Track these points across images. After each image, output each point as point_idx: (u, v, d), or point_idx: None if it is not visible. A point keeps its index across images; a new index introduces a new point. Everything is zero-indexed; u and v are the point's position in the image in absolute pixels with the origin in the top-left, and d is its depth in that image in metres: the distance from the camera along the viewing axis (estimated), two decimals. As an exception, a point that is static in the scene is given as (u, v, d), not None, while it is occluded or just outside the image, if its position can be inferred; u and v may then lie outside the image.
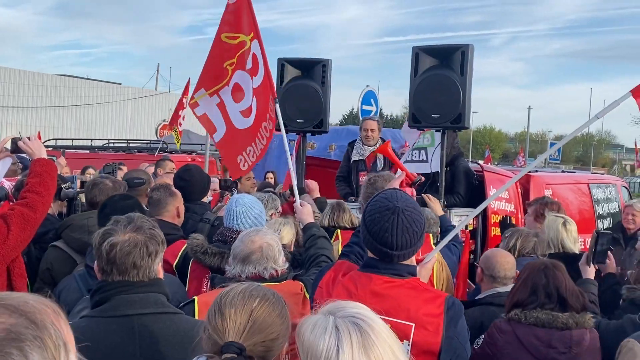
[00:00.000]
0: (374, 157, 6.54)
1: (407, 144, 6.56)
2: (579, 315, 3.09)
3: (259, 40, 4.70)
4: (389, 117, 59.91)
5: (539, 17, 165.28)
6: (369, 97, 11.14)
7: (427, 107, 5.44)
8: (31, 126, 30.14)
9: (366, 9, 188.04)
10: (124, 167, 8.30)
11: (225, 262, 3.25)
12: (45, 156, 3.58)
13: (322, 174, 7.29)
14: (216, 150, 13.01)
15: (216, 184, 7.31)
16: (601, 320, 3.41)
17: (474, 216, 5.17)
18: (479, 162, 8.69)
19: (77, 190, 4.67)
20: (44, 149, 3.66)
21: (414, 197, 3.86)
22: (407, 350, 2.31)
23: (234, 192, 5.89)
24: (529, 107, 63.40)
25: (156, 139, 21.74)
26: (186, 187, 4.63)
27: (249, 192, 5.51)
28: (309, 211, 3.80)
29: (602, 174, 13.80)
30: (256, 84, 4.69)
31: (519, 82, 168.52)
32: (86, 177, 6.54)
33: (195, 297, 2.78)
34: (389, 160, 6.41)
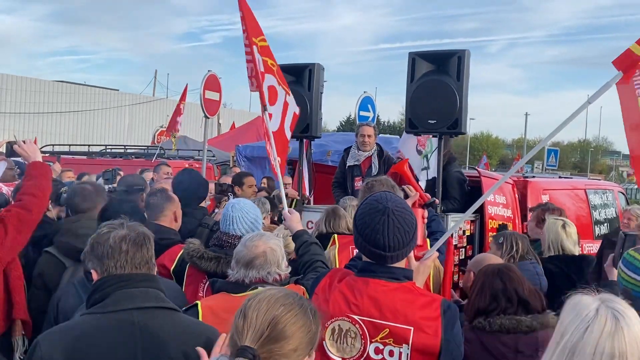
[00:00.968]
0: (369, 163, 6.55)
1: (400, 152, 6.56)
2: (541, 315, 3.08)
3: (257, 46, 4.77)
4: (386, 123, 59.88)
5: (535, 24, 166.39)
6: (367, 103, 11.14)
7: (423, 112, 5.44)
8: (29, 132, 30.08)
9: (363, 16, 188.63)
10: (122, 173, 8.27)
11: (221, 267, 3.25)
12: (40, 159, 3.60)
13: (320, 179, 7.31)
14: (213, 156, 13.14)
15: (212, 188, 7.30)
16: None
17: (465, 220, 5.18)
18: (477, 168, 8.69)
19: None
20: (39, 152, 3.68)
21: (424, 221, 3.83)
22: (407, 354, 2.32)
23: (230, 197, 5.88)
24: (527, 114, 63.48)
25: (154, 144, 21.73)
26: (184, 191, 4.63)
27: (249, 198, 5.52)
28: (298, 219, 3.80)
29: (599, 179, 13.83)
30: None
31: (516, 88, 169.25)
32: (83, 183, 6.53)
33: (198, 302, 2.76)
34: (384, 165, 6.42)
